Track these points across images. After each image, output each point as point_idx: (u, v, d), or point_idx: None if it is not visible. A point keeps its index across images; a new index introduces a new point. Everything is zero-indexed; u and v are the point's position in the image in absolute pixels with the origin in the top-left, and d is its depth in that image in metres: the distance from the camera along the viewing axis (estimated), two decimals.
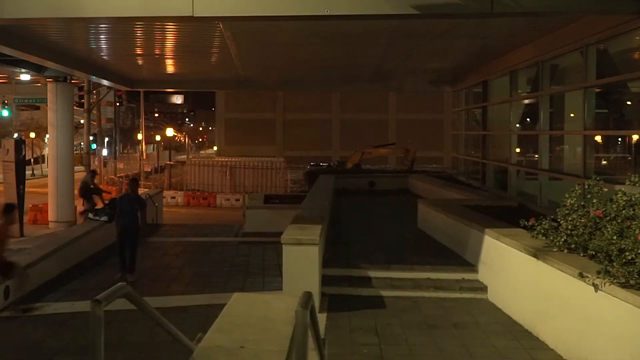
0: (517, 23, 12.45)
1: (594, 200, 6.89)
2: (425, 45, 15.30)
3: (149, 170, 45.10)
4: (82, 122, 32.93)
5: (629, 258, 5.40)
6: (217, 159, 42.98)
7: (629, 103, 12.24)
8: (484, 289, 8.78)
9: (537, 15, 10.55)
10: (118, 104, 48.37)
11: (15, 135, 41.30)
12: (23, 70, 24.38)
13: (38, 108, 50.57)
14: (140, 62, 19.50)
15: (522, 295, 7.60)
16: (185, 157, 57.45)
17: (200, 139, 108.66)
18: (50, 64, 18.02)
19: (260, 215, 16.51)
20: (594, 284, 5.71)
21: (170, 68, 20.86)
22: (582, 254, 6.60)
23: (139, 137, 56.30)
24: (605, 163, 13.22)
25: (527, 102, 16.89)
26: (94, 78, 23.41)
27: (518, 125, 17.21)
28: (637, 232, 5.57)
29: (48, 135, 25.39)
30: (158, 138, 72.05)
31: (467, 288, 8.86)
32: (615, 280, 5.45)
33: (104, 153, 47.56)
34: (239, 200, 30.86)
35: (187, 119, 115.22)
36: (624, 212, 6.21)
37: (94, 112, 35.17)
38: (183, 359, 4.26)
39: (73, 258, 12.29)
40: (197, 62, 19.33)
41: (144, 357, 7.18)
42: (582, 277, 5.90)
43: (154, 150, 65.27)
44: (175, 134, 79.78)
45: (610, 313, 5.54)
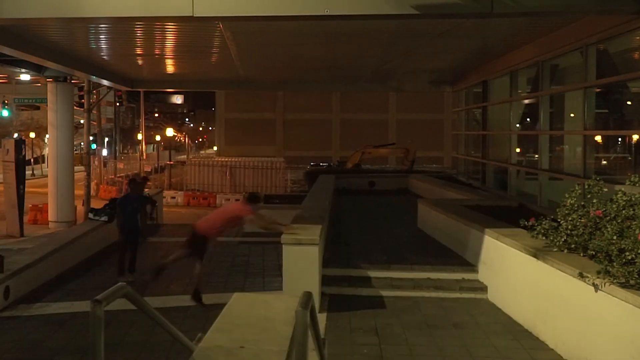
0: (517, 23, 12.44)
1: (594, 200, 6.89)
2: (425, 45, 15.30)
3: (149, 170, 45.09)
4: (82, 122, 32.88)
5: (629, 258, 5.40)
6: (217, 159, 42.97)
7: (629, 103, 12.24)
8: (484, 289, 8.78)
9: (537, 15, 10.55)
10: (118, 104, 48.32)
11: (15, 135, 41.31)
12: (23, 70, 24.36)
13: (38, 108, 50.57)
14: (140, 62, 19.49)
15: (522, 295, 7.60)
16: (185, 157, 57.44)
17: (200, 139, 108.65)
18: (50, 64, 18.02)
19: None
20: (594, 284, 5.71)
21: (170, 68, 20.85)
22: (582, 254, 6.60)
23: (139, 137, 56.32)
24: (605, 163, 13.21)
25: (527, 102, 16.88)
26: (94, 78, 23.39)
27: (518, 125, 17.21)
28: (637, 232, 5.57)
29: (48, 135, 25.40)
30: (158, 138, 72.08)
31: (467, 288, 8.86)
32: (615, 280, 5.45)
33: (104, 153, 47.56)
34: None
35: (187, 119, 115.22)
36: (624, 212, 6.21)
37: (94, 112, 35.11)
38: (183, 359, 4.27)
39: (73, 258, 12.29)
40: (197, 62, 19.32)
41: (144, 357, 7.17)
42: (582, 277, 5.90)
43: (154, 150, 65.27)
44: (175, 134, 79.78)
45: (610, 313, 5.54)
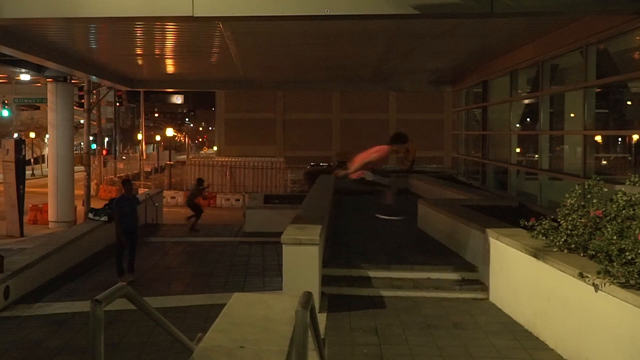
0: (517, 23, 12.44)
1: (594, 200, 6.89)
2: (425, 45, 15.30)
3: (149, 170, 45.12)
4: (82, 122, 32.92)
5: (629, 258, 5.40)
6: (217, 159, 42.99)
7: (629, 103, 12.23)
8: (484, 289, 8.77)
9: (537, 15, 10.54)
10: (118, 104, 48.34)
11: (15, 135, 41.33)
12: (23, 70, 24.40)
13: (38, 108, 50.61)
14: (140, 62, 19.49)
15: (522, 295, 7.60)
16: (185, 157, 57.46)
17: (200, 139, 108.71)
18: (50, 64, 18.03)
19: (260, 215, 16.54)
20: (594, 284, 5.71)
21: (170, 68, 20.85)
22: (582, 254, 6.60)
23: (139, 137, 56.32)
24: (605, 163, 13.21)
25: (527, 102, 16.87)
26: (94, 78, 23.41)
27: (518, 125, 17.21)
28: (637, 232, 5.56)
29: (48, 135, 25.43)
30: (158, 138, 72.12)
31: (467, 288, 8.85)
32: (615, 280, 5.44)
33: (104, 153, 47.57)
34: (239, 200, 30.90)
35: (187, 119, 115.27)
36: (624, 212, 6.21)
37: (94, 112, 35.15)
38: (183, 359, 4.27)
39: (73, 258, 12.30)
40: (197, 62, 19.33)
41: (144, 357, 7.18)
42: (582, 277, 5.90)
43: (154, 150, 65.29)
44: (175, 134, 79.81)
45: (610, 313, 5.54)
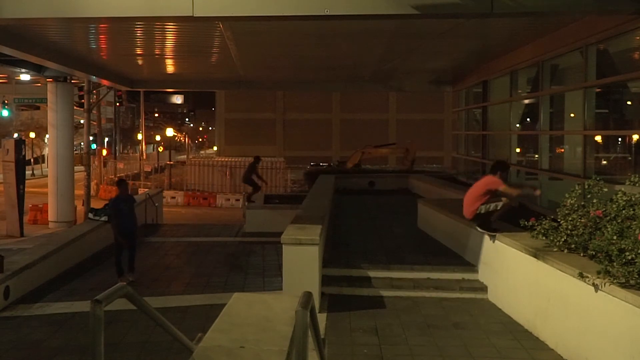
0: (517, 23, 12.44)
1: (594, 200, 6.89)
2: (425, 45, 15.30)
3: (149, 170, 45.12)
4: (82, 122, 32.93)
5: (629, 258, 5.40)
6: (217, 159, 43.01)
7: (629, 103, 12.23)
8: (484, 289, 8.77)
9: (537, 15, 10.54)
10: (118, 104, 48.37)
11: (15, 135, 41.33)
12: (23, 70, 24.39)
13: (38, 108, 50.60)
14: (140, 62, 19.49)
15: (522, 295, 7.60)
16: (185, 157, 57.47)
17: (200, 139, 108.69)
18: (50, 64, 18.03)
19: (260, 215, 16.53)
20: (594, 284, 5.71)
21: (170, 68, 20.85)
22: (582, 254, 6.60)
23: (139, 137, 56.32)
24: (605, 163, 13.21)
25: (527, 102, 16.88)
26: (94, 78, 23.41)
27: (518, 125, 17.21)
28: (637, 232, 5.56)
29: (48, 135, 25.43)
30: (158, 138, 72.12)
31: (467, 288, 8.85)
32: (615, 280, 5.44)
33: (104, 153, 47.59)
34: (239, 200, 30.89)
35: (187, 119, 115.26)
36: (624, 212, 6.21)
37: (94, 112, 35.14)
38: (183, 359, 4.26)
39: (73, 258, 12.30)
40: (197, 62, 19.32)
41: (144, 357, 7.18)
42: (582, 277, 5.90)
43: (154, 150, 65.30)
44: (175, 134, 79.80)
45: (610, 313, 5.54)
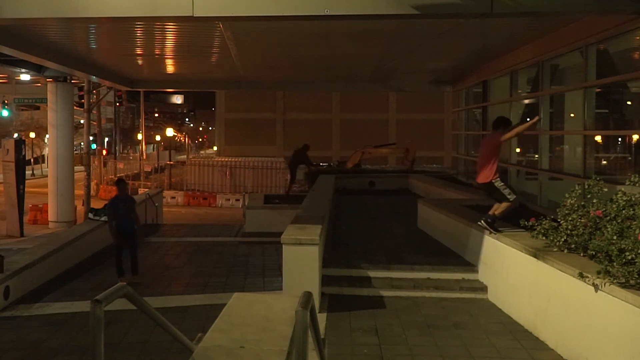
0: (517, 23, 12.43)
1: (594, 200, 6.89)
2: (425, 45, 15.29)
3: (149, 170, 45.12)
4: (82, 122, 32.93)
5: (629, 258, 5.40)
6: (217, 159, 43.02)
7: (629, 103, 12.23)
8: (484, 289, 8.78)
9: (537, 15, 10.53)
10: (118, 104, 48.35)
11: (15, 135, 41.33)
12: (23, 70, 24.40)
13: (38, 108, 50.60)
14: (140, 62, 19.48)
15: (522, 295, 7.60)
16: (185, 157, 57.47)
17: (200, 139, 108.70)
18: (50, 64, 18.02)
19: (260, 215, 16.53)
20: (594, 284, 5.71)
21: (170, 68, 20.84)
22: (582, 254, 6.60)
23: (139, 137, 56.32)
24: (605, 163, 13.21)
25: (527, 102, 16.87)
26: (94, 78, 23.40)
27: None
28: (637, 232, 5.56)
29: (48, 135, 25.43)
30: (158, 138, 72.13)
31: (467, 288, 8.86)
32: (615, 280, 5.44)
33: (104, 153, 47.61)
34: (239, 201, 30.89)
35: (187, 119, 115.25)
36: (624, 212, 6.21)
37: (94, 112, 35.15)
38: (183, 359, 4.27)
39: (73, 258, 12.30)
40: (197, 62, 19.31)
41: (144, 357, 7.18)
42: (582, 277, 5.90)
43: (154, 150, 65.28)
44: (175, 134, 79.82)
45: (610, 313, 5.54)
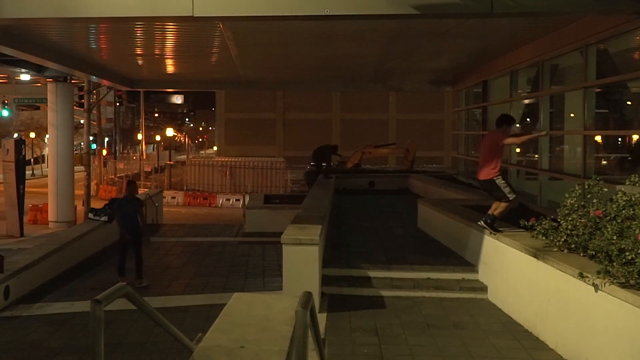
0: (517, 23, 12.43)
1: (594, 200, 6.89)
2: (425, 45, 15.29)
3: (149, 170, 45.12)
4: (82, 122, 32.93)
5: (629, 258, 5.40)
6: (217, 159, 43.01)
7: (629, 103, 12.23)
8: (484, 289, 8.78)
9: (537, 15, 10.54)
10: (118, 104, 48.38)
11: (15, 135, 41.32)
12: (23, 70, 24.39)
13: (38, 108, 50.58)
14: (140, 62, 19.48)
15: (522, 295, 7.60)
16: (185, 157, 57.47)
17: (200, 139, 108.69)
18: (50, 64, 18.01)
19: (260, 215, 16.53)
20: (594, 284, 5.71)
21: (170, 68, 20.84)
22: (582, 254, 6.60)
23: (139, 137, 56.33)
24: (605, 163, 13.21)
25: (527, 102, 16.87)
26: (94, 78, 23.38)
27: (518, 125, 17.18)
28: (637, 232, 5.56)
29: (48, 135, 25.42)
30: (158, 138, 72.11)
31: (467, 288, 8.86)
32: (615, 280, 5.44)
33: (104, 153, 47.62)
34: (239, 201, 30.91)
35: (187, 119, 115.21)
36: (624, 212, 6.21)
37: (94, 112, 35.15)
38: (183, 359, 4.27)
39: (73, 258, 12.29)
40: (197, 62, 19.31)
41: (144, 357, 7.18)
42: (582, 277, 5.90)
43: (154, 150, 65.27)
44: (175, 134, 79.80)
45: (610, 313, 5.54)
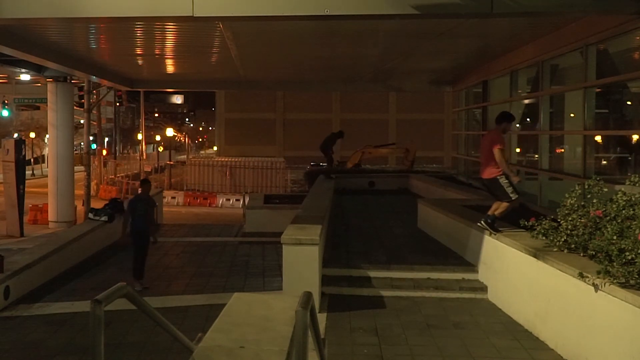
0: (517, 23, 12.43)
1: (594, 200, 6.89)
2: (425, 45, 15.29)
3: (149, 170, 45.14)
4: (82, 122, 32.92)
5: (629, 258, 5.40)
6: (217, 159, 43.01)
7: (629, 103, 12.23)
8: (484, 289, 8.78)
9: (537, 15, 10.53)
10: (118, 104, 48.35)
11: (15, 135, 41.31)
12: (23, 70, 24.38)
13: (38, 108, 50.57)
14: (140, 62, 19.48)
15: (522, 295, 7.60)
16: (185, 157, 57.47)
17: (200, 139, 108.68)
18: (50, 64, 18.01)
19: (260, 215, 16.52)
20: (594, 284, 5.71)
21: (170, 68, 20.83)
22: (582, 254, 6.60)
23: (139, 137, 56.32)
24: (605, 163, 13.21)
25: (527, 102, 16.87)
26: (94, 78, 23.39)
27: (518, 125, 17.19)
28: (637, 232, 5.56)
29: (48, 135, 25.42)
30: (158, 138, 72.10)
31: (467, 288, 8.86)
32: (615, 280, 5.44)
33: (104, 153, 47.60)
34: (239, 201, 30.91)
35: (187, 119, 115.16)
36: (624, 212, 6.21)
37: (94, 112, 35.15)
38: (183, 359, 4.27)
39: (73, 258, 12.30)
40: (197, 62, 19.31)
41: (144, 357, 7.18)
42: (582, 277, 5.90)
43: (154, 150, 65.29)
44: (175, 134, 79.74)
45: (610, 313, 5.54)
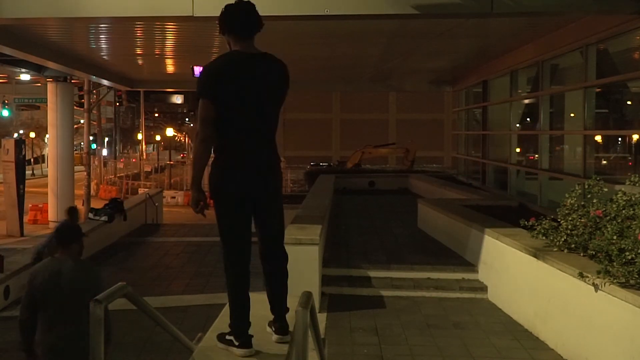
0: (517, 23, 12.43)
1: (594, 200, 6.89)
2: (425, 45, 15.29)
3: (149, 170, 45.12)
4: (82, 122, 32.93)
5: (629, 258, 5.40)
6: None
7: (629, 103, 12.23)
8: (484, 289, 8.78)
9: (537, 15, 10.54)
10: (118, 104, 48.33)
11: (16, 135, 41.31)
12: (23, 70, 24.37)
13: (38, 108, 50.53)
14: (140, 62, 19.49)
15: (522, 295, 7.60)
16: (186, 157, 57.43)
17: None
18: (50, 64, 18.01)
19: None
20: (594, 284, 5.71)
21: (170, 68, 20.83)
22: (582, 254, 6.60)
23: (139, 137, 56.29)
24: (605, 163, 13.21)
25: (527, 102, 16.87)
26: (94, 78, 23.38)
27: (518, 125, 17.20)
28: (637, 232, 5.56)
29: (48, 135, 25.41)
30: (158, 138, 72.07)
31: (467, 288, 8.86)
32: (615, 280, 5.44)
33: (104, 153, 47.62)
34: None
35: (187, 119, 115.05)
36: (624, 212, 6.21)
37: (94, 112, 35.14)
38: (183, 359, 4.27)
39: None
40: (197, 62, 19.28)
41: (144, 357, 7.18)
42: (582, 277, 5.90)
43: (154, 150, 65.31)
44: (175, 134, 79.67)
45: (610, 313, 5.54)
